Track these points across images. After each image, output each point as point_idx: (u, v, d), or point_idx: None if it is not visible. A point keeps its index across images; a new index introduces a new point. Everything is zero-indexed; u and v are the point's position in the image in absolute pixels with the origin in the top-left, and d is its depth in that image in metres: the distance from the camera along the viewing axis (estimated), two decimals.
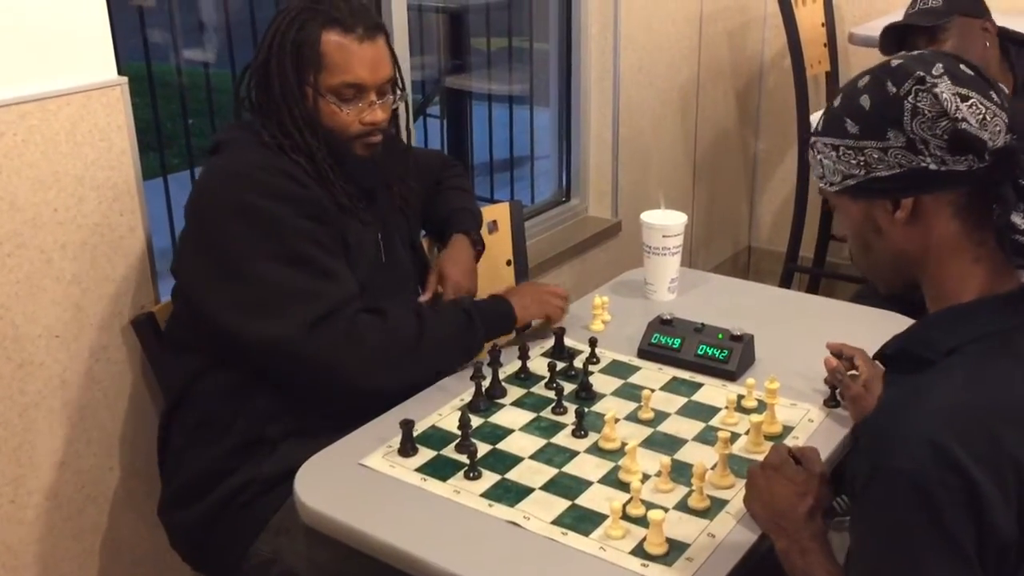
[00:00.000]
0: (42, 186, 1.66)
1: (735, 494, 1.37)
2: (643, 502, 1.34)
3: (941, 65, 1.06)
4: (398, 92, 1.75)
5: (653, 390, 1.62)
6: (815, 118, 3.58)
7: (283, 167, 1.63)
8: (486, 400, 1.62)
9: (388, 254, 1.80)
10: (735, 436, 1.51)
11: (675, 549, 1.27)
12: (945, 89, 1.04)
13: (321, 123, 1.66)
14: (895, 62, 1.09)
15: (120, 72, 1.75)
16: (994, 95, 1.05)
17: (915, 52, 1.11)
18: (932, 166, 1.05)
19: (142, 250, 1.83)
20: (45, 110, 1.64)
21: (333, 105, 1.66)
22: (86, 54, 1.69)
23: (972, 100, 1.04)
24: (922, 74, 1.05)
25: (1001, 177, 1.03)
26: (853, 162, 1.09)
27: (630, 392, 1.65)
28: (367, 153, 1.72)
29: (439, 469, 1.45)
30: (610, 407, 1.58)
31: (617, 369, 1.73)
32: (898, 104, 1.06)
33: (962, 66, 1.07)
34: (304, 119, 1.65)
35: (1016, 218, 1.02)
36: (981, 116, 1.03)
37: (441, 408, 1.61)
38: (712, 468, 1.41)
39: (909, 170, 1.06)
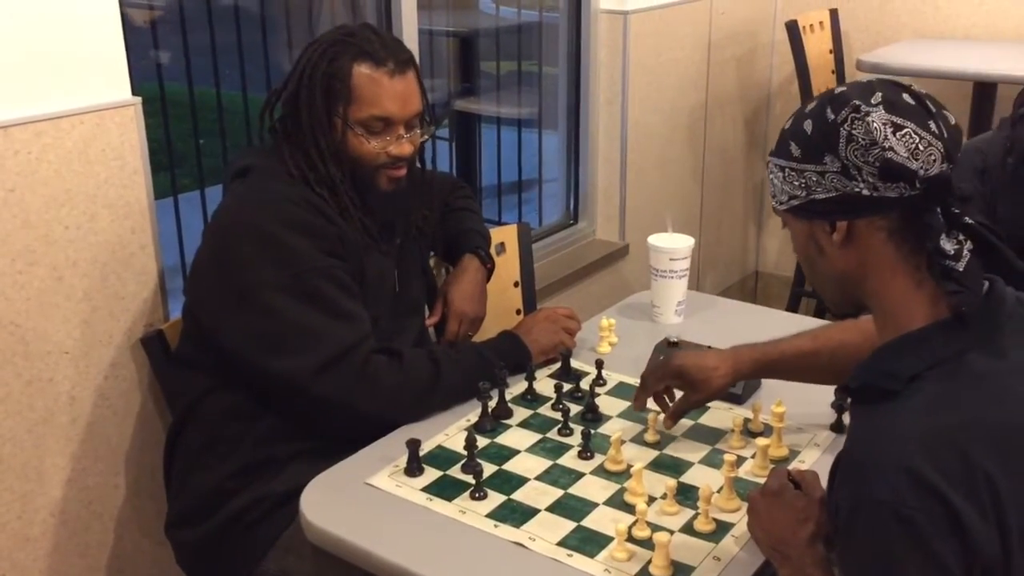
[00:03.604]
0: (55, 203, 1.67)
1: (741, 517, 1.37)
2: (649, 524, 1.34)
3: (881, 94, 1.09)
4: (426, 126, 1.75)
5: (659, 413, 1.62)
6: None
7: (310, 200, 1.63)
8: (492, 421, 1.62)
9: (402, 284, 1.81)
10: (741, 459, 1.51)
11: (680, 572, 1.27)
12: (877, 119, 1.07)
13: (348, 154, 1.67)
14: (839, 89, 1.13)
15: (134, 93, 1.77)
16: (933, 125, 1.07)
17: (864, 79, 1.15)
18: (865, 191, 1.08)
19: (152, 268, 1.84)
20: (59, 129, 1.65)
21: (361, 137, 1.66)
22: (100, 74, 1.71)
23: (906, 130, 1.06)
24: (858, 103, 1.08)
25: (931, 204, 1.07)
26: (796, 183, 1.13)
27: (636, 414, 1.65)
28: (391, 187, 1.72)
29: (445, 489, 1.45)
30: (616, 429, 1.59)
31: (624, 391, 1.73)
32: (835, 130, 1.09)
33: (905, 95, 1.09)
34: (331, 150, 1.66)
35: (945, 244, 1.06)
36: (913, 146, 1.06)
37: (447, 428, 1.61)
38: (718, 491, 1.41)
39: (843, 194, 1.10)
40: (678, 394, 1.60)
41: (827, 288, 1.20)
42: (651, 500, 1.41)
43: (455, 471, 1.49)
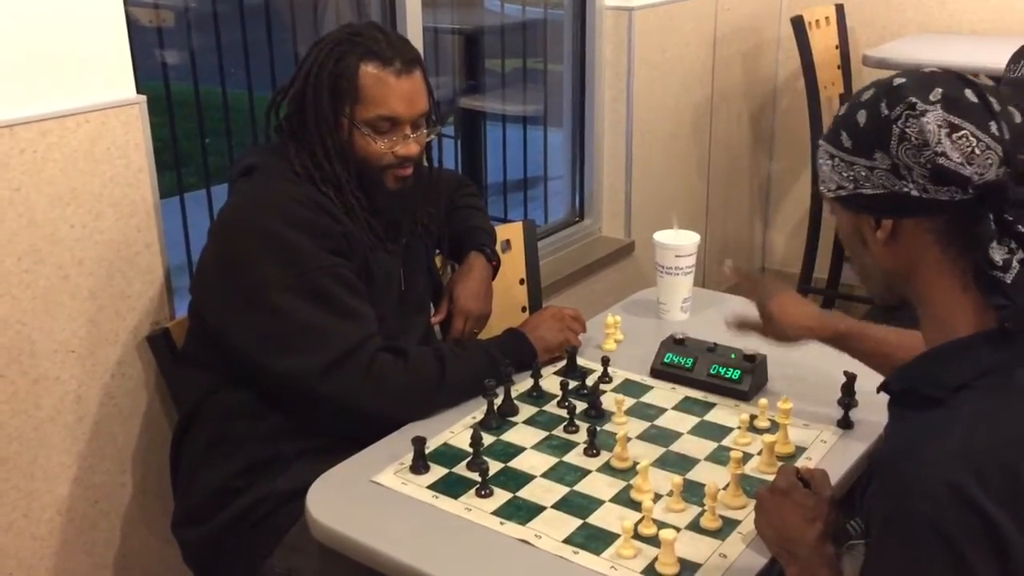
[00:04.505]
0: (60, 202, 1.67)
1: (747, 515, 1.36)
2: (655, 521, 1.34)
3: (940, 90, 1.03)
4: (432, 125, 1.75)
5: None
6: None
7: (315, 199, 1.63)
8: (498, 418, 1.62)
9: (408, 282, 1.81)
10: (747, 456, 1.51)
11: (686, 569, 1.27)
12: (933, 119, 1.02)
13: (354, 153, 1.67)
14: (897, 81, 1.07)
15: (138, 91, 1.77)
16: (994, 126, 1.02)
17: (926, 70, 1.09)
18: (914, 192, 1.04)
19: (158, 267, 1.84)
20: (64, 127, 1.66)
21: (368, 137, 1.66)
22: (105, 73, 1.71)
23: (963, 132, 1.01)
24: (914, 100, 1.03)
25: (983, 211, 1.02)
26: (844, 175, 1.09)
27: (643, 411, 1.65)
28: (397, 186, 1.72)
29: (451, 486, 1.45)
30: (622, 426, 1.58)
31: (629, 388, 1.73)
32: (887, 127, 1.04)
33: (968, 91, 1.04)
34: (336, 150, 1.66)
35: (994, 253, 1.01)
36: (969, 150, 1.01)
37: (453, 426, 1.61)
38: (724, 488, 1.40)
39: (891, 193, 1.05)
40: None
41: (871, 279, 1.16)
42: (657, 497, 1.41)
43: (461, 468, 1.49)
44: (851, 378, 1.61)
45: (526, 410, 1.66)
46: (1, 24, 1.56)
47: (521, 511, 1.39)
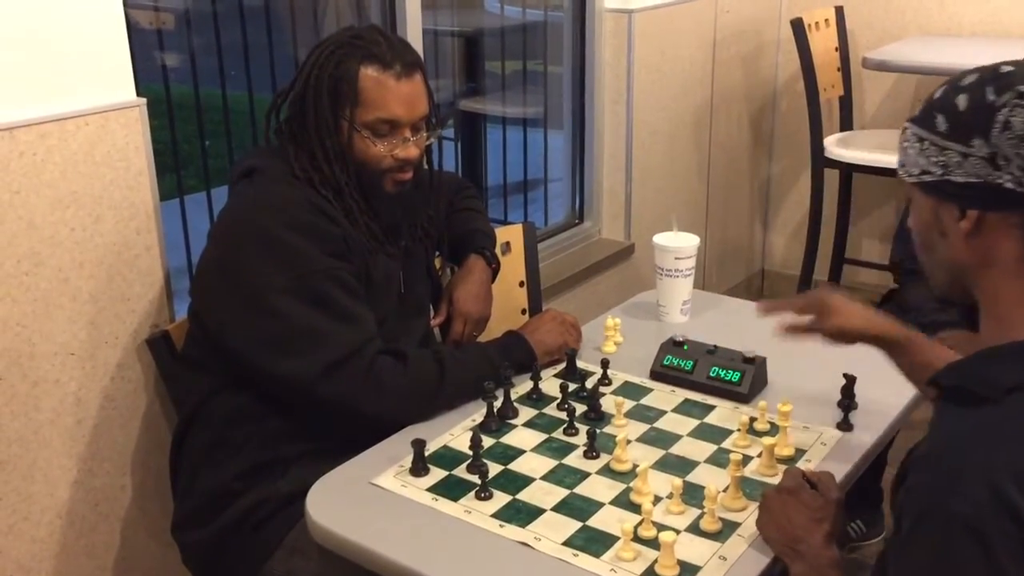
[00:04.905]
0: (60, 205, 1.68)
1: (747, 517, 1.37)
2: (654, 524, 1.34)
3: None
4: (432, 128, 1.75)
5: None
6: (829, 142, 3.55)
7: (315, 202, 1.63)
8: (498, 420, 1.62)
9: (408, 285, 1.81)
10: (747, 458, 1.51)
11: (686, 571, 1.27)
12: None
13: (353, 156, 1.67)
14: (1005, 68, 1.04)
15: (138, 94, 1.77)
16: None
17: None
18: (1008, 184, 1.01)
19: (158, 270, 1.85)
20: (64, 130, 1.66)
21: (367, 139, 1.66)
22: (105, 75, 1.71)
23: None
24: None
25: None
26: (933, 159, 1.06)
27: (643, 414, 1.65)
28: (396, 190, 1.72)
29: (450, 489, 1.45)
30: (622, 429, 1.58)
31: (629, 391, 1.73)
32: (991, 113, 1.01)
33: None
34: (336, 153, 1.66)
35: None
36: None
37: (453, 428, 1.61)
38: (724, 490, 1.40)
39: (984, 183, 1.02)
40: None
41: (937, 271, 1.13)
42: (657, 500, 1.41)
43: (460, 471, 1.49)
44: (850, 380, 1.61)
45: (526, 412, 1.66)
46: (1, 26, 1.56)
47: (521, 514, 1.39)
